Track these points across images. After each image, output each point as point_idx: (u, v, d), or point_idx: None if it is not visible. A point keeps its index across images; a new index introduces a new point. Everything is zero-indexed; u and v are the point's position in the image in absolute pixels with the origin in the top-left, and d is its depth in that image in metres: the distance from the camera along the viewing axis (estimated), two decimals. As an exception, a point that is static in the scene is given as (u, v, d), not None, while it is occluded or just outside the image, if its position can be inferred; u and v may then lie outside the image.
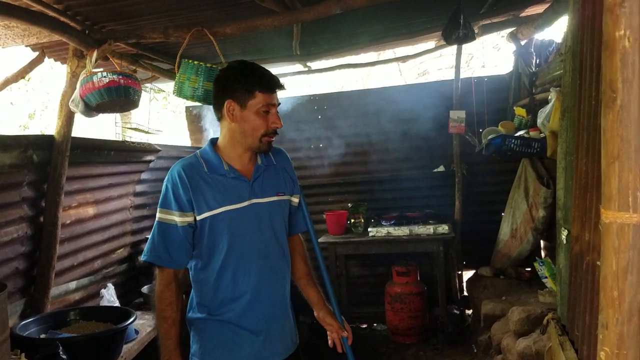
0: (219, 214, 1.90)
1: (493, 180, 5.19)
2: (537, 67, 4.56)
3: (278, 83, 1.97)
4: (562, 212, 1.78)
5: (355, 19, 3.60)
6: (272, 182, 2.03)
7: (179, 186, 1.89)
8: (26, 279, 2.99)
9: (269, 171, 2.04)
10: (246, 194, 1.94)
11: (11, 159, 2.64)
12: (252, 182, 1.96)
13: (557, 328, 1.72)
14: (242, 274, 1.93)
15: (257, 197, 1.96)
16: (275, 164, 2.07)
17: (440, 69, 10.30)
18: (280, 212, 2.03)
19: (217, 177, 1.93)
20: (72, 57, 2.96)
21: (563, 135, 1.82)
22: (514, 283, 4.31)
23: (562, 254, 1.78)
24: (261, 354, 1.96)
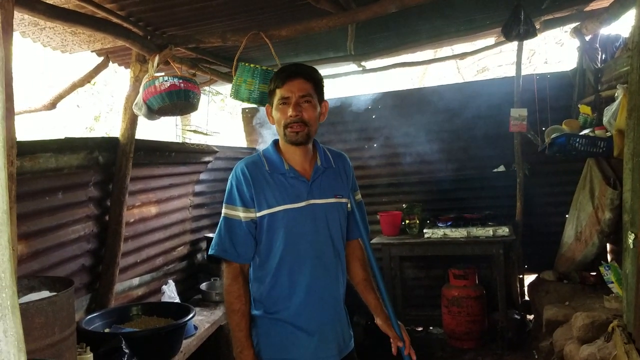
0: (277, 212, 1.94)
1: (556, 181, 5.00)
2: (602, 63, 4.37)
3: (292, 72, 1.96)
4: (629, 215, 1.70)
5: (411, 16, 3.56)
6: (330, 183, 2.04)
7: (243, 183, 1.96)
8: (92, 275, 3.13)
9: (328, 173, 2.06)
10: (304, 194, 1.97)
11: (78, 160, 2.77)
12: (310, 182, 1.99)
13: (622, 336, 1.64)
14: (296, 273, 1.96)
15: (315, 198, 1.99)
16: (335, 167, 2.09)
17: (501, 66, 10.03)
18: (336, 214, 2.04)
19: (277, 176, 1.98)
20: (135, 62, 3.08)
21: (630, 135, 1.73)
22: (578, 288, 4.15)
23: (628, 259, 1.69)
24: (317, 354, 1.97)
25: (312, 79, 1.99)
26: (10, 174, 1.09)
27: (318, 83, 2.02)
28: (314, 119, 1.98)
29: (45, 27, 2.86)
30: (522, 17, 3.45)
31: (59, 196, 2.70)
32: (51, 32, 2.93)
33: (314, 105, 1.98)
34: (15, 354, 0.97)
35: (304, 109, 1.94)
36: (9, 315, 0.97)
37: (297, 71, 1.97)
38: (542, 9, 4.05)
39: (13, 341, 0.97)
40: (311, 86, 1.97)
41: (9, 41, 1.09)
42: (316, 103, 1.99)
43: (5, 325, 0.97)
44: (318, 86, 2.01)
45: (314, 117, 1.98)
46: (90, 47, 3.27)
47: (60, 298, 1.98)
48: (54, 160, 2.55)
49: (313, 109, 1.97)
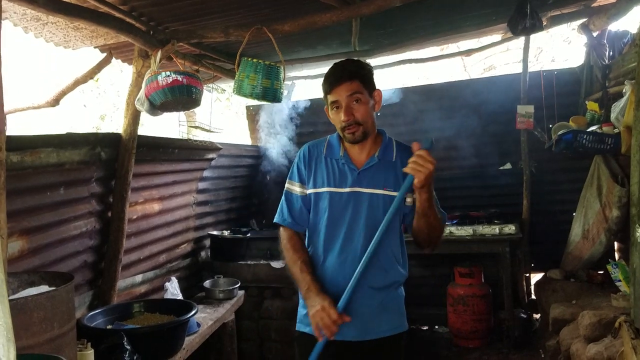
0: (322, 193, 2.12)
1: (563, 178, 4.96)
2: (610, 60, 4.32)
3: (337, 77, 2.02)
4: (636, 208, 1.66)
5: (416, 12, 3.53)
6: (383, 175, 2.08)
7: (302, 161, 2.20)
8: (94, 271, 3.11)
9: (384, 165, 2.10)
10: (350, 181, 2.09)
11: (80, 156, 2.76)
12: (360, 171, 2.09)
13: (630, 331, 1.60)
14: (329, 250, 2.11)
15: (362, 187, 2.07)
16: (394, 161, 2.11)
17: (507, 64, 9.96)
18: (381, 205, 2.06)
19: (331, 160, 2.15)
20: (138, 57, 3.06)
21: (637, 127, 1.70)
22: (585, 286, 4.10)
23: (636, 253, 1.65)
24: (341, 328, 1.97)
25: (358, 76, 2.02)
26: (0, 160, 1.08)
27: (365, 77, 2.05)
28: (367, 115, 2.04)
29: (48, 23, 2.85)
30: (528, 11, 3.42)
31: (60, 192, 2.69)
32: (53, 27, 2.92)
33: (365, 101, 2.03)
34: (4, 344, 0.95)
35: (355, 110, 2.01)
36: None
37: (341, 75, 2.02)
38: (549, 3, 4.01)
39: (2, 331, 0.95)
40: (358, 83, 2.01)
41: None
42: (367, 98, 2.04)
43: (-6, 314, 0.95)
44: (366, 80, 2.04)
45: (366, 114, 2.03)
46: (93, 42, 3.25)
47: (59, 293, 1.96)
48: (56, 156, 2.54)
49: (365, 105, 2.03)
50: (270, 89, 2.94)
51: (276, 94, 2.98)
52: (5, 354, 1.00)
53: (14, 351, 1.02)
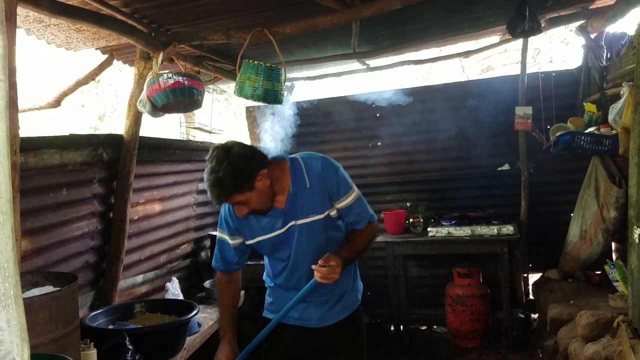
0: (260, 241, 2.29)
1: (561, 179, 4.98)
2: (608, 61, 4.35)
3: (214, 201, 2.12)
4: (634, 209, 1.69)
5: (416, 14, 3.55)
6: (306, 204, 2.19)
7: (229, 216, 2.30)
8: (96, 272, 3.13)
9: (303, 194, 2.18)
10: (280, 223, 2.20)
11: (83, 157, 2.78)
12: (285, 210, 2.19)
13: (628, 331, 1.63)
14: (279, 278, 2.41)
15: (296, 219, 2.20)
16: (310, 187, 2.19)
17: (506, 65, 10.00)
18: (320, 229, 2.23)
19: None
20: (139, 59, 3.08)
21: (636, 129, 1.73)
22: (582, 287, 4.13)
23: (634, 254, 1.68)
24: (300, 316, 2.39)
25: (228, 195, 2.04)
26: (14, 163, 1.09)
27: (236, 187, 2.03)
28: (258, 202, 2.10)
29: (50, 24, 2.86)
30: (527, 14, 3.44)
31: (63, 192, 2.70)
32: (55, 29, 2.94)
33: (249, 197, 2.07)
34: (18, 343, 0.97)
35: (244, 209, 2.10)
36: (12, 304, 0.97)
37: (214, 200, 2.10)
38: (547, 6, 4.04)
39: (16, 331, 0.97)
40: (234, 197, 2.05)
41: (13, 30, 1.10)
42: (249, 194, 2.06)
43: (9, 315, 0.96)
44: (238, 188, 2.03)
45: (257, 202, 2.10)
46: (94, 44, 3.27)
47: (64, 293, 1.98)
48: (59, 157, 2.56)
49: (251, 201, 2.08)
50: (272, 90, 2.96)
51: (277, 95, 3.00)
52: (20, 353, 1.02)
53: (28, 351, 1.04)
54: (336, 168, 2.25)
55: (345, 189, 2.25)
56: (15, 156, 1.11)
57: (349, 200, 2.26)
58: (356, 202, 2.28)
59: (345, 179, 2.26)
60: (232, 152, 2.01)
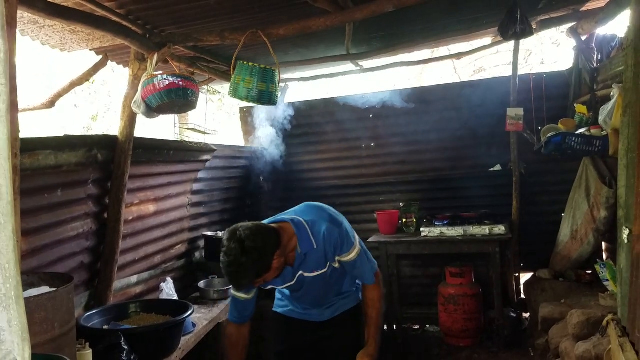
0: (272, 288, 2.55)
1: (552, 180, 5.03)
2: (598, 63, 4.39)
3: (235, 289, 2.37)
4: (623, 210, 1.72)
5: (409, 16, 3.58)
6: (313, 261, 2.34)
7: None
8: (90, 272, 3.14)
9: (310, 254, 2.33)
10: (290, 276, 2.38)
11: (77, 157, 2.78)
12: (294, 268, 2.36)
13: (617, 329, 1.66)
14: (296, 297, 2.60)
15: (305, 272, 2.38)
16: (316, 248, 2.31)
17: (497, 66, 10.06)
18: (326, 278, 2.42)
19: None
20: (134, 60, 3.09)
21: (624, 131, 1.76)
22: (573, 286, 4.17)
23: (623, 254, 1.71)
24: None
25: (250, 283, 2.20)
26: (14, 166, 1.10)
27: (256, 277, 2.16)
28: (273, 276, 2.25)
29: (45, 26, 2.87)
30: (519, 17, 3.47)
31: (58, 193, 2.71)
32: (50, 30, 2.94)
33: (267, 278, 2.22)
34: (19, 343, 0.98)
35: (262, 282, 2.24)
36: (13, 305, 0.98)
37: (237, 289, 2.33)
38: (539, 8, 4.08)
39: (17, 331, 0.98)
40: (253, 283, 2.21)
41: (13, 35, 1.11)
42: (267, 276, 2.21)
43: (10, 315, 0.98)
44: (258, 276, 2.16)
45: (273, 276, 2.25)
46: (89, 45, 3.27)
47: (60, 294, 1.99)
48: (54, 158, 2.56)
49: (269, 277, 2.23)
50: (266, 92, 2.98)
51: (272, 97, 3.02)
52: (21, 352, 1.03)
53: (29, 350, 1.06)
54: (339, 225, 2.35)
55: (348, 246, 2.36)
56: (15, 159, 1.13)
57: (352, 256, 2.37)
58: (359, 257, 2.40)
59: (348, 236, 2.36)
60: (246, 246, 2.07)
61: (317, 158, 5.63)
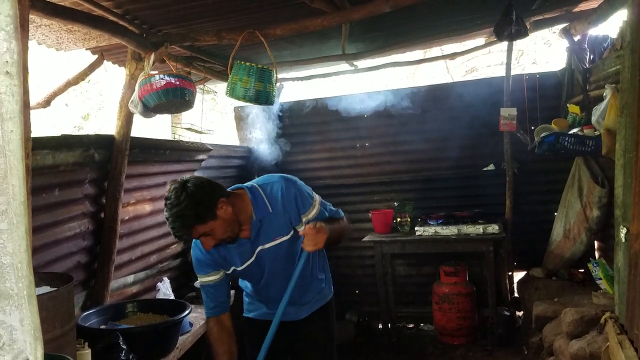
0: (234, 270, 2.35)
1: (545, 179, 5.08)
2: (591, 64, 4.43)
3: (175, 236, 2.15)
4: (620, 210, 1.75)
5: (405, 16, 3.60)
6: (271, 228, 2.25)
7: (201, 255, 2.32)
8: (87, 272, 3.13)
9: (267, 220, 2.24)
10: (249, 252, 2.27)
11: (74, 157, 2.77)
12: (252, 239, 2.25)
13: (615, 327, 1.69)
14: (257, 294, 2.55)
15: (263, 244, 2.27)
16: (273, 211, 2.24)
17: (489, 66, 10.12)
18: (286, 249, 2.31)
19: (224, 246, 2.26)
20: (131, 59, 3.08)
21: (622, 132, 1.78)
22: (566, 284, 4.22)
23: (620, 252, 1.74)
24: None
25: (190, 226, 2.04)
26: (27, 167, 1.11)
27: (196, 219, 2.04)
28: (222, 233, 2.12)
29: (41, 25, 2.85)
30: (514, 18, 3.51)
31: (55, 193, 2.70)
32: (47, 29, 2.93)
33: (213, 227, 2.08)
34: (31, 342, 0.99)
35: (210, 240, 2.11)
36: (26, 304, 0.99)
37: (177, 236, 2.11)
38: (533, 9, 4.11)
39: (29, 330, 0.99)
40: (193, 229, 2.06)
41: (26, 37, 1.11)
42: (212, 223, 2.07)
43: (22, 314, 0.99)
44: (199, 218, 2.04)
45: (221, 233, 2.12)
46: (85, 45, 3.26)
47: (61, 293, 1.99)
48: (51, 158, 2.55)
49: (216, 231, 2.10)
50: (263, 92, 2.99)
51: (269, 96, 3.03)
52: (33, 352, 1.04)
53: (42, 349, 1.06)
54: (294, 183, 2.31)
55: (308, 202, 2.31)
56: (27, 159, 1.13)
57: (315, 211, 2.32)
58: (322, 209, 2.35)
59: (305, 191, 2.32)
60: (188, 185, 2.03)
61: (311, 157, 5.64)
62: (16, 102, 0.89)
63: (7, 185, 0.90)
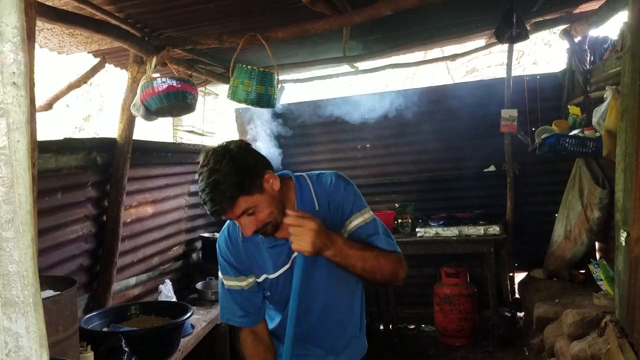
0: (265, 280, 1.83)
1: (546, 180, 5.08)
2: (591, 65, 4.43)
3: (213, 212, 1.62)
4: (621, 213, 1.76)
5: (406, 19, 3.61)
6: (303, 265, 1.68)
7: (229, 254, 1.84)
8: (90, 274, 3.14)
9: None
10: (284, 255, 1.77)
11: (77, 160, 2.79)
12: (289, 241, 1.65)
13: (615, 330, 1.69)
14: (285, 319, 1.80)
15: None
16: (319, 209, 1.75)
17: (490, 67, 10.12)
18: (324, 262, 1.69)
19: (254, 245, 1.79)
20: (133, 63, 3.10)
21: (622, 136, 1.79)
22: (567, 285, 4.22)
23: (620, 256, 1.75)
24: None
25: (232, 197, 1.58)
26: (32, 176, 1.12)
27: (241, 189, 1.58)
28: (269, 211, 1.64)
29: (43, 29, 2.87)
30: (514, 20, 3.51)
31: (58, 196, 2.72)
32: (49, 33, 2.94)
33: (258, 202, 1.62)
34: (37, 349, 1.00)
35: (254, 221, 1.63)
36: (32, 312, 1.00)
37: (215, 210, 1.60)
38: (533, 11, 4.12)
39: (35, 337, 1.00)
40: (236, 202, 1.59)
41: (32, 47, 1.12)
42: (258, 197, 1.62)
43: (28, 321, 1.00)
44: (244, 187, 1.59)
45: (267, 213, 1.64)
46: (87, 48, 3.27)
47: (64, 297, 2.00)
48: (54, 161, 2.57)
49: (261, 209, 1.63)
50: (265, 94, 3.00)
51: (270, 99, 3.04)
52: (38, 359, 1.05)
53: (47, 356, 1.07)
54: (348, 182, 1.82)
55: (360, 205, 1.79)
56: (34, 169, 1.14)
57: (365, 218, 1.77)
58: (375, 222, 1.79)
59: (360, 195, 1.82)
60: (231, 147, 1.63)
61: (312, 159, 5.65)
62: (23, 113, 0.90)
63: (13, 194, 0.91)
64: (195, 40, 3.08)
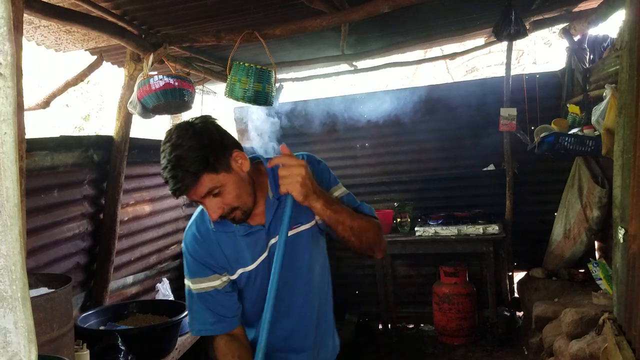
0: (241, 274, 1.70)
1: (545, 179, 5.07)
2: (591, 64, 4.43)
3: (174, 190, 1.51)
4: (619, 210, 1.74)
5: (404, 17, 3.60)
6: (292, 213, 1.56)
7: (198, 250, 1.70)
8: (86, 273, 3.13)
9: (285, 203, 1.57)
10: (262, 244, 1.65)
11: (74, 158, 2.78)
12: (267, 225, 1.63)
13: (613, 328, 1.68)
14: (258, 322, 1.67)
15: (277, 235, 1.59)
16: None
17: (490, 66, 10.12)
18: (307, 244, 1.69)
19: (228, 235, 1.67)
20: (130, 60, 3.08)
21: (620, 132, 1.78)
22: (566, 285, 4.20)
23: (618, 253, 1.74)
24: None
25: (196, 173, 1.46)
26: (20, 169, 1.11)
27: (205, 164, 1.47)
28: (235, 196, 1.53)
29: (40, 26, 2.86)
30: (513, 18, 3.50)
31: (54, 194, 2.71)
32: (45, 30, 2.93)
33: (226, 182, 1.51)
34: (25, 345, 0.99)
35: (220, 203, 1.52)
36: (20, 307, 0.98)
37: (177, 188, 1.49)
38: (532, 9, 4.11)
39: (23, 332, 0.99)
40: (200, 179, 1.47)
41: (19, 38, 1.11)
42: (225, 177, 1.51)
43: (16, 316, 0.98)
44: (208, 163, 1.47)
45: (234, 195, 1.53)
46: (84, 45, 3.26)
47: (59, 294, 1.99)
48: (50, 159, 2.56)
49: (228, 190, 1.52)
50: (262, 92, 2.99)
51: (268, 97, 3.03)
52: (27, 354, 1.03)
53: (36, 352, 1.06)
54: (320, 160, 1.77)
55: (335, 181, 1.74)
56: (22, 161, 1.13)
57: (343, 190, 1.73)
58: (350, 194, 1.76)
59: (332, 172, 1.77)
60: (196, 123, 1.53)
61: (311, 158, 5.63)
62: (10, 104, 0.89)
63: (0, 187, 0.90)
64: (192, 37, 3.07)
